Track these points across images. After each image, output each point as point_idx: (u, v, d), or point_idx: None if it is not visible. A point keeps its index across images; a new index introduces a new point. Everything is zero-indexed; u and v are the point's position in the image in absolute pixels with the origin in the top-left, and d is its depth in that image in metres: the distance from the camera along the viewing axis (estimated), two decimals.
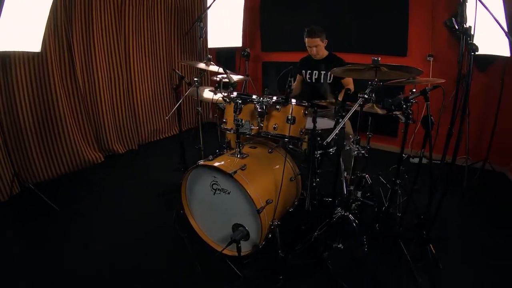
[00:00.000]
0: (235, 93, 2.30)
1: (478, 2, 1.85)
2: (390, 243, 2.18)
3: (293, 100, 2.23)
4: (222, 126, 2.38)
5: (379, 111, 2.26)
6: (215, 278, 2.07)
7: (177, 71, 2.94)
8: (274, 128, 2.25)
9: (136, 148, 4.19)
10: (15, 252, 2.29)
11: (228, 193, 2.10)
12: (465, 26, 1.93)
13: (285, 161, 2.33)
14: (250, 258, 2.14)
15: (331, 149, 2.55)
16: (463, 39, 2.11)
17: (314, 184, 2.46)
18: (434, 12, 3.68)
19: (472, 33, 1.92)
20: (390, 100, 2.12)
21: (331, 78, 3.09)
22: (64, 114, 3.30)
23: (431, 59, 3.83)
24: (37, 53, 2.94)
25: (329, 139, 1.77)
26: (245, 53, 4.61)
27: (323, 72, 3.11)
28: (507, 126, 3.37)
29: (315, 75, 3.16)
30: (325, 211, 2.43)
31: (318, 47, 3.02)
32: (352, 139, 2.53)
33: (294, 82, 2.25)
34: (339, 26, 4.10)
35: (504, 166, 3.56)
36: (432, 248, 2.09)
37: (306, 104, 2.30)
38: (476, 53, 1.81)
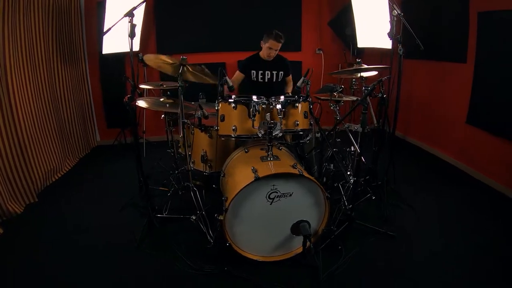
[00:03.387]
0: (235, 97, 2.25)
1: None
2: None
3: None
4: (232, 134, 2.24)
5: None
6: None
7: (129, 79, 2.33)
8: (297, 124, 2.28)
9: (36, 201, 2.89)
10: None
11: (290, 195, 2.03)
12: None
13: (312, 152, 2.38)
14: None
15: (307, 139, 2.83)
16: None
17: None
18: (320, 14, 4.48)
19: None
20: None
21: (281, 77, 3.27)
22: None
23: (321, 52, 4.64)
24: None
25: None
26: (142, 58, 3.96)
27: (275, 72, 3.23)
28: (404, 105, 4.26)
29: (267, 75, 3.24)
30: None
31: (277, 51, 3.13)
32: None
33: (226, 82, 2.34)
34: (239, 26, 4.28)
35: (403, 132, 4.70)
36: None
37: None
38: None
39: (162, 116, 3.21)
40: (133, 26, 2.28)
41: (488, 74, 3.09)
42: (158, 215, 2.56)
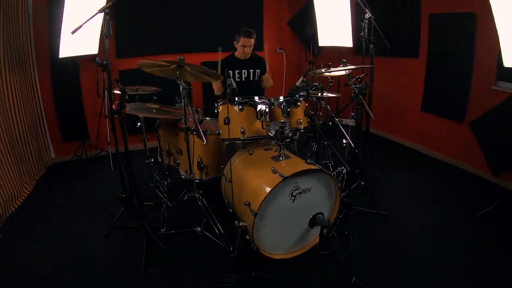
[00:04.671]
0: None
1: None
2: None
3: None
4: (241, 137, 2.23)
5: None
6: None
7: (120, 84, 2.14)
8: (300, 122, 2.36)
9: None
10: None
11: (309, 190, 2.09)
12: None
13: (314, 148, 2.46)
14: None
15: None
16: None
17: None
18: (280, 13, 4.60)
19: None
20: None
21: (258, 75, 3.30)
22: None
23: (282, 51, 4.77)
24: None
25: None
26: (103, 62, 3.58)
27: (251, 71, 3.24)
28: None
29: (244, 74, 3.24)
30: None
31: (251, 47, 3.11)
32: None
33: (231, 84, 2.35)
34: (200, 28, 4.19)
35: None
36: None
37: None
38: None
39: (139, 124, 2.99)
40: (108, 23, 2.07)
41: (438, 67, 3.57)
42: (158, 233, 2.34)
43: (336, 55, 4.59)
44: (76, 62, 3.53)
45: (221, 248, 2.21)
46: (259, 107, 2.21)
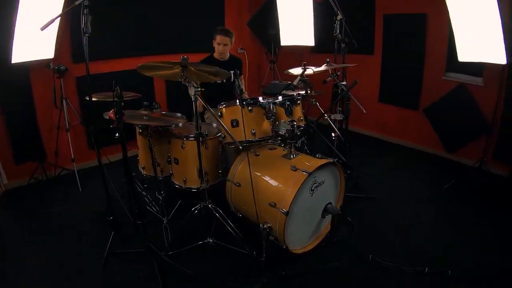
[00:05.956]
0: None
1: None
2: None
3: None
4: (253, 138, 2.23)
5: None
6: None
7: (118, 88, 1.95)
8: (301, 120, 2.47)
9: None
10: None
11: (323, 182, 2.19)
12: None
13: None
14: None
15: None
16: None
17: None
18: (240, 13, 4.62)
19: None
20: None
21: (238, 76, 3.31)
22: None
23: (243, 51, 4.81)
24: None
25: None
26: (60, 68, 3.18)
27: (232, 72, 3.22)
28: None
29: None
30: None
31: (227, 46, 3.09)
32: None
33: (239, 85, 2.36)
34: (161, 30, 4.01)
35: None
36: None
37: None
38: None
39: (117, 135, 2.73)
40: (87, 18, 1.90)
41: (391, 62, 4.01)
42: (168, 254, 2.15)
43: (295, 54, 4.81)
44: (26, 68, 3.04)
45: (239, 254, 2.17)
46: (269, 107, 2.22)
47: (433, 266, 2.03)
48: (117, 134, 2.65)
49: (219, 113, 2.33)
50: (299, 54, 4.77)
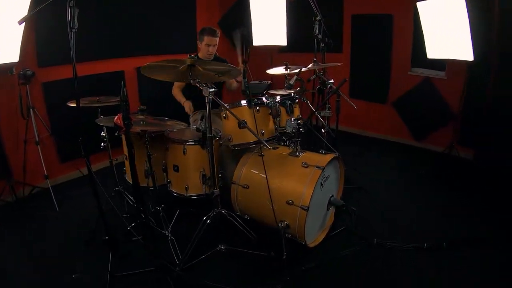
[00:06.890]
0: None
1: None
2: None
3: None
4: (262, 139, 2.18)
5: None
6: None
7: (126, 89, 1.81)
8: (300, 118, 2.54)
9: None
10: None
11: (329, 176, 2.30)
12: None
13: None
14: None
15: None
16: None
17: None
18: (211, 14, 4.54)
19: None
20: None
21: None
22: None
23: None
24: None
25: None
26: (27, 73, 2.83)
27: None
28: None
29: None
30: None
31: (215, 46, 3.05)
32: None
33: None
34: (133, 30, 3.83)
35: None
36: None
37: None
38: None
39: (102, 144, 2.54)
40: (74, 12, 1.68)
41: (360, 60, 4.29)
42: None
43: (264, 54, 4.87)
44: None
45: (253, 257, 2.16)
46: (275, 107, 2.24)
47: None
48: (103, 144, 2.52)
49: (224, 115, 2.30)
50: (269, 54, 4.85)
